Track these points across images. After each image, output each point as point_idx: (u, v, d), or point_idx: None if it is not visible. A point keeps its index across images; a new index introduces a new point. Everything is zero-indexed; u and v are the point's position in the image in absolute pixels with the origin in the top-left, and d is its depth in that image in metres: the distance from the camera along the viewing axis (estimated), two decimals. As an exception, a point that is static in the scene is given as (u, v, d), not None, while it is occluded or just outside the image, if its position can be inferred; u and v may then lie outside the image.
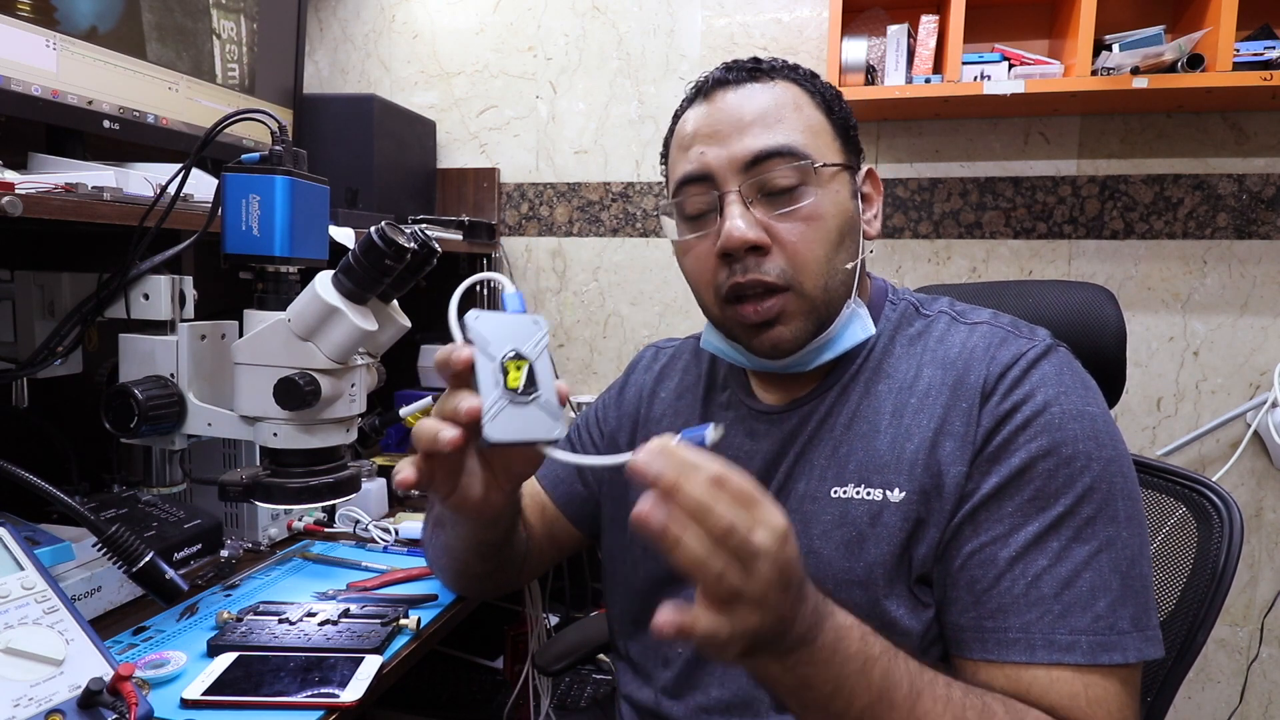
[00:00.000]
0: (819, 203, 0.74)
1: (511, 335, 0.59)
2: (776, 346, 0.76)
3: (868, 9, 1.71)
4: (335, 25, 2.09)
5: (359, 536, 1.25)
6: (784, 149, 0.73)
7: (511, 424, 0.58)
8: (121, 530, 0.79)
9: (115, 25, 1.12)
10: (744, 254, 0.73)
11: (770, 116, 0.75)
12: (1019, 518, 0.67)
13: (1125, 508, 0.67)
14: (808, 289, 0.74)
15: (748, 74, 0.78)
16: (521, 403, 0.58)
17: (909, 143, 1.81)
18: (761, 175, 0.74)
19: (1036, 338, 0.75)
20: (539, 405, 0.59)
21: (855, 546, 0.71)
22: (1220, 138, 1.67)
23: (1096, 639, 0.63)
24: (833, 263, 0.75)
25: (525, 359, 0.59)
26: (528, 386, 0.59)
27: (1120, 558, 0.65)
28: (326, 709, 0.76)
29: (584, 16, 1.95)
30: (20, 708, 0.62)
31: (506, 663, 1.68)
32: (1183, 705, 1.77)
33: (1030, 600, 0.64)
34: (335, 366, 0.84)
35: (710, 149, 0.75)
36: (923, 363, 0.77)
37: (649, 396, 0.95)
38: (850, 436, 0.76)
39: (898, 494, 0.71)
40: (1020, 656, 0.64)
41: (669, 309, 1.97)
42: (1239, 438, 1.71)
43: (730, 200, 0.74)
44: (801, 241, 0.74)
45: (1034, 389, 0.70)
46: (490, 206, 2.01)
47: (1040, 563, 0.65)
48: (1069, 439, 0.67)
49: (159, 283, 0.93)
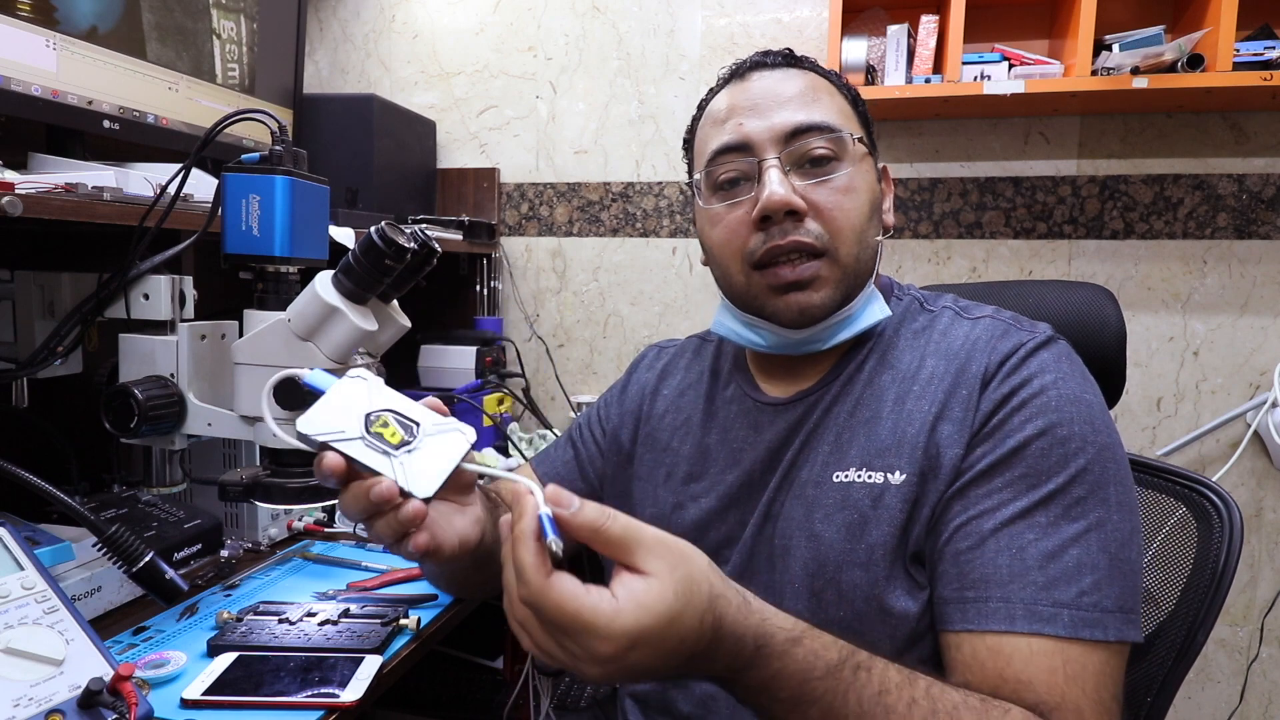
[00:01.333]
0: (851, 176, 0.77)
1: (350, 406, 0.56)
2: (804, 311, 0.76)
3: (868, 9, 1.71)
4: (335, 25, 2.09)
5: (359, 536, 1.25)
6: (822, 124, 0.77)
7: (428, 471, 0.55)
8: (121, 530, 0.79)
9: (115, 25, 1.12)
10: (782, 218, 0.75)
11: (807, 96, 0.79)
12: (1008, 493, 0.67)
13: (1117, 493, 0.67)
14: (842, 255, 0.76)
15: (784, 59, 0.82)
16: (417, 446, 0.56)
17: (909, 143, 1.81)
18: (801, 146, 0.76)
19: (1037, 330, 0.76)
20: (429, 434, 0.57)
21: (857, 529, 0.72)
22: (1220, 138, 1.67)
23: (1079, 614, 0.62)
24: (865, 233, 0.78)
25: (385, 411, 0.56)
26: (407, 429, 0.56)
27: (1110, 539, 0.65)
28: (326, 709, 0.76)
29: (584, 16, 1.95)
30: (20, 708, 0.62)
31: (506, 663, 1.67)
32: (1183, 705, 1.77)
33: (1014, 572, 0.64)
34: (335, 367, 0.84)
35: (750, 120, 0.78)
36: (926, 354, 0.78)
37: (651, 394, 0.95)
38: (853, 423, 0.77)
39: (898, 476, 0.72)
40: (1000, 625, 0.63)
41: (669, 309, 1.97)
42: (1239, 438, 1.71)
43: (769, 165, 0.76)
44: (838, 209, 0.76)
45: (1032, 374, 0.71)
46: (490, 206, 2.01)
47: (1027, 536, 0.65)
48: (1064, 420, 0.68)
49: (159, 283, 0.93)
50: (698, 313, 1.95)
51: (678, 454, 0.88)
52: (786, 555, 0.75)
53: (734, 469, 0.82)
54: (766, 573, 0.78)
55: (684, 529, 0.82)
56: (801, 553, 0.74)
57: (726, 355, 0.92)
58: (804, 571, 0.74)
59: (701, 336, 0.99)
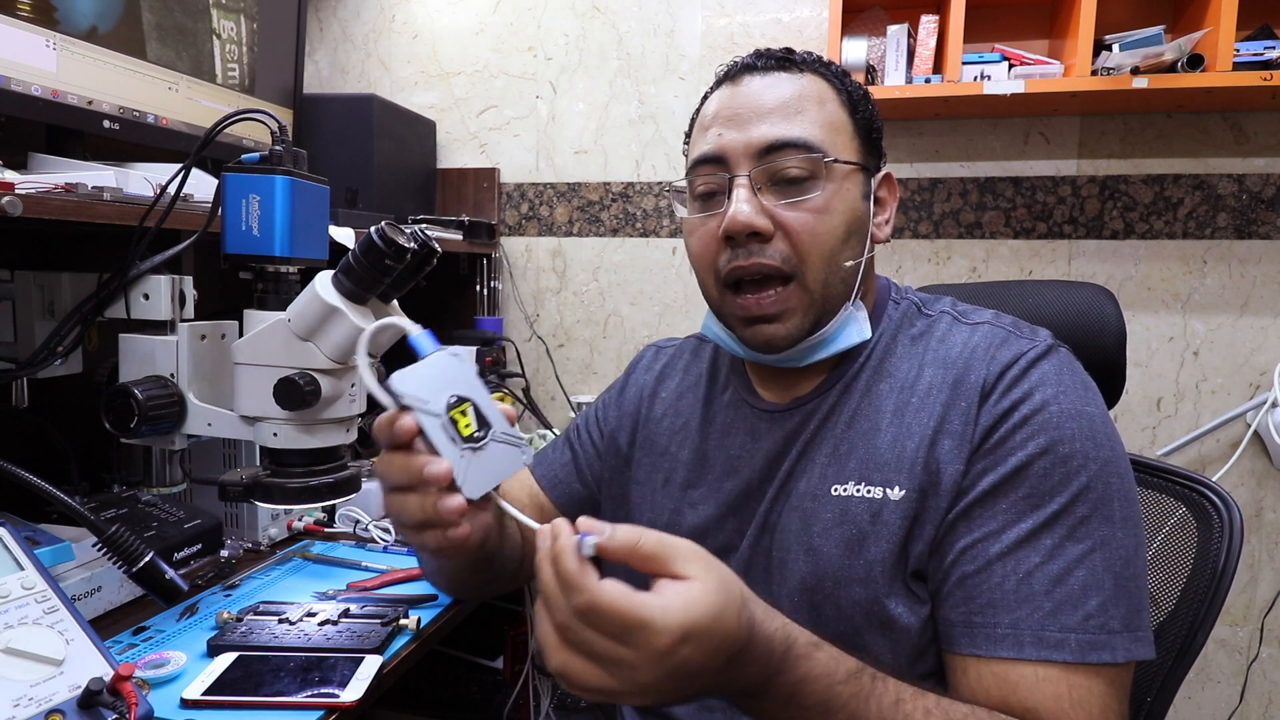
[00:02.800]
0: (827, 197, 0.74)
1: (441, 381, 0.57)
2: (769, 343, 0.76)
3: (868, 9, 1.71)
4: (335, 25, 2.09)
5: (359, 536, 1.25)
6: (798, 141, 0.74)
7: (483, 474, 0.56)
8: (121, 530, 0.79)
9: (115, 25, 1.12)
10: (745, 239, 0.73)
11: (791, 107, 0.75)
12: (1013, 514, 0.67)
13: (1121, 509, 0.67)
14: (809, 280, 0.74)
15: (776, 62, 0.78)
16: (481, 447, 0.57)
17: (909, 143, 1.81)
18: (773, 164, 0.74)
19: (1038, 338, 0.75)
20: (496, 440, 0.57)
21: (855, 544, 0.71)
22: (1220, 138, 1.67)
23: (1086, 637, 0.63)
24: (836, 258, 0.75)
25: (467, 400, 0.57)
26: (480, 426, 0.57)
27: (1114, 558, 0.65)
28: (326, 709, 0.76)
29: (584, 16, 1.95)
30: (20, 708, 0.62)
31: (506, 663, 1.67)
32: (1183, 705, 1.77)
33: (1021, 596, 0.64)
34: (335, 366, 0.84)
35: (727, 132, 0.76)
36: (924, 363, 0.76)
37: (650, 397, 0.95)
38: (851, 435, 0.76)
39: (897, 492, 0.71)
40: (1008, 653, 0.63)
41: (669, 309, 1.97)
42: (1239, 438, 1.71)
43: (739, 184, 0.74)
44: (806, 231, 0.74)
45: (1033, 388, 0.70)
46: (490, 206, 2.01)
47: (1032, 559, 0.65)
48: (1066, 437, 0.67)
49: (159, 283, 0.93)
50: (698, 313, 1.93)
51: (676, 459, 0.87)
52: (784, 568, 0.75)
53: (732, 477, 0.82)
54: (764, 583, 0.77)
55: (683, 535, 0.82)
56: (799, 566, 0.74)
57: (724, 357, 0.92)
58: (802, 585, 0.73)
59: (700, 336, 0.98)
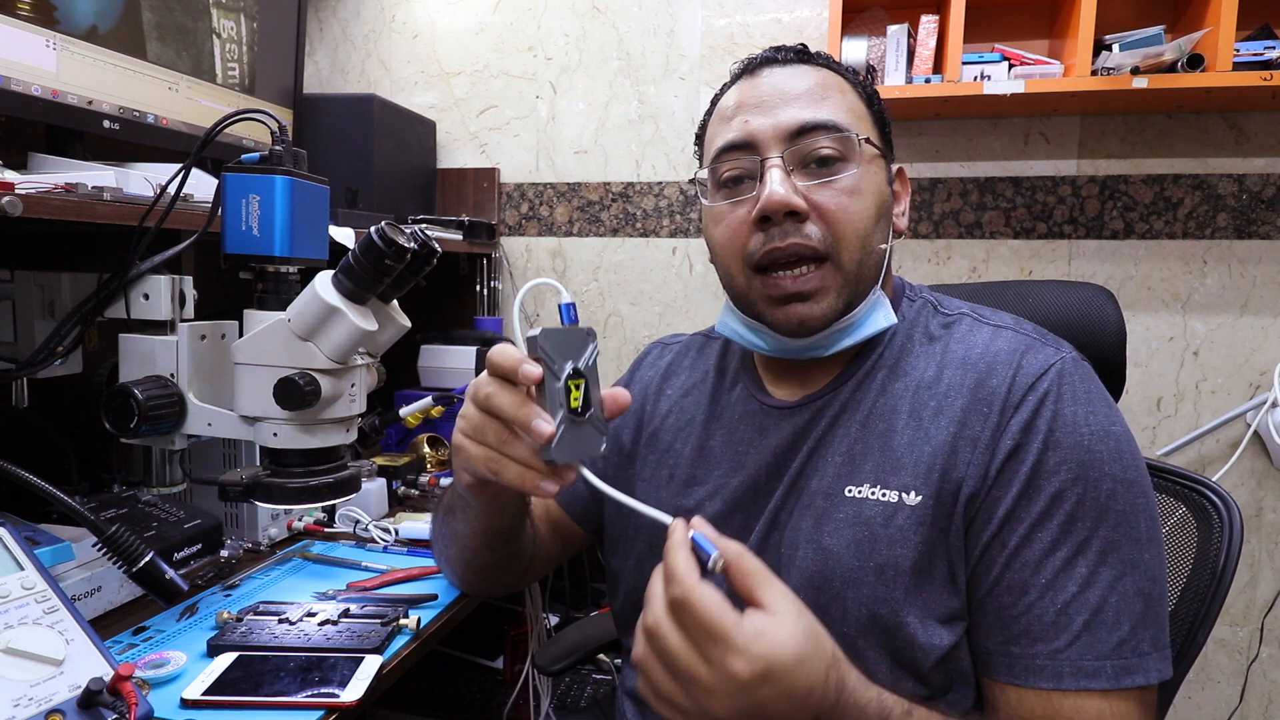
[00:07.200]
0: (858, 178, 0.75)
1: (569, 350, 0.61)
2: (804, 323, 0.75)
3: (868, 9, 1.71)
4: (335, 25, 2.09)
5: (359, 536, 1.25)
6: (829, 123, 0.74)
7: (572, 446, 0.61)
8: (121, 530, 0.79)
9: (115, 25, 1.12)
10: (782, 219, 0.73)
11: (816, 94, 0.76)
12: (1046, 540, 0.67)
13: (1147, 527, 0.68)
14: (844, 261, 0.74)
15: (796, 55, 0.80)
16: (580, 422, 0.61)
17: (909, 143, 1.81)
18: (804, 145, 0.74)
19: (1063, 350, 0.74)
20: (591, 422, 0.61)
21: (867, 546, 0.71)
22: (1220, 138, 1.67)
23: (1120, 663, 0.64)
24: (869, 239, 0.75)
25: (583, 376, 0.61)
26: (585, 405, 0.61)
27: (1143, 579, 0.66)
28: (326, 709, 0.76)
29: (584, 16, 1.95)
30: (20, 708, 0.62)
31: (506, 663, 1.67)
32: (1183, 705, 1.77)
33: (1058, 627, 0.65)
34: (335, 366, 0.84)
35: (754, 118, 0.76)
36: (943, 363, 0.76)
37: (655, 394, 0.94)
38: (866, 435, 0.75)
39: (914, 497, 0.70)
40: (1048, 684, 0.65)
41: (669, 309, 1.97)
42: (1239, 438, 1.71)
43: (771, 165, 0.74)
44: (841, 211, 0.74)
45: (1061, 405, 0.69)
46: (490, 206, 2.01)
47: (1069, 589, 0.65)
48: (1096, 461, 0.67)
49: (159, 283, 0.93)
50: (698, 313, 1.95)
51: (680, 455, 0.87)
52: (791, 564, 0.74)
53: (738, 472, 0.81)
54: None
55: None
56: (807, 563, 0.73)
57: (734, 354, 0.91)
58: (808, 583, 0.72)
59: (706, 334, 0.97)
